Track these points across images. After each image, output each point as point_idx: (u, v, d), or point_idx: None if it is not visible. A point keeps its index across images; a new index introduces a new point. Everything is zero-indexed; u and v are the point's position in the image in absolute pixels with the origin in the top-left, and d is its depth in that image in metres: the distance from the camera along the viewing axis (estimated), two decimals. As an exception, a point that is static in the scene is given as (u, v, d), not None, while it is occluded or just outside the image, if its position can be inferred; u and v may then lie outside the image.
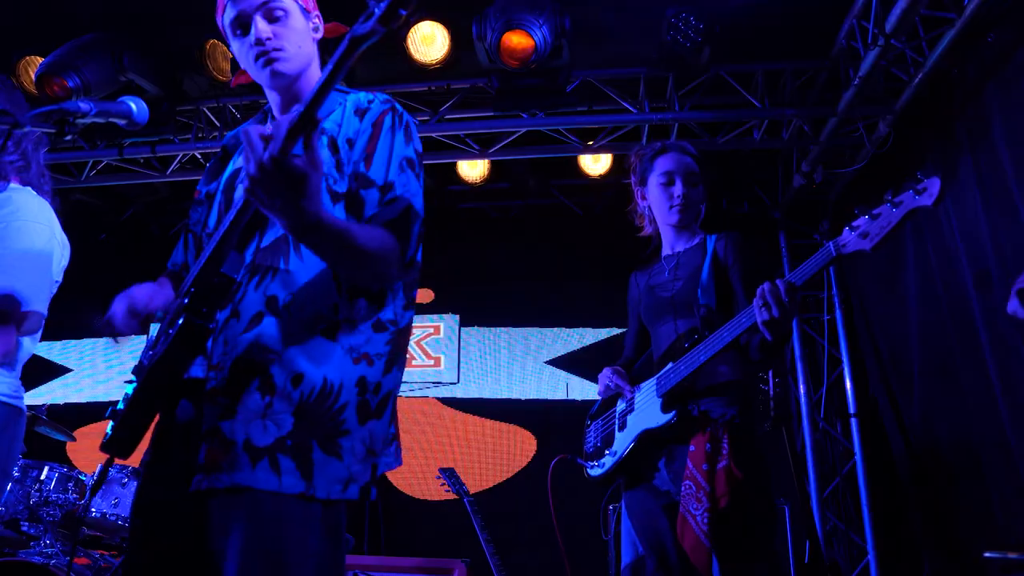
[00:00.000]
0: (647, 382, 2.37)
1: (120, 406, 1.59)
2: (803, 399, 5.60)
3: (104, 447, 1.59)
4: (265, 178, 1.29)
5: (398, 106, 1.70)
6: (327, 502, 1.44)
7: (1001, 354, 3.84)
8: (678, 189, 2.47)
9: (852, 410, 5.48)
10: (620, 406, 2.46)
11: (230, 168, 1.75)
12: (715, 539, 2.08)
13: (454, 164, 5.51)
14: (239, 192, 1.60)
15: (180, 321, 1.44)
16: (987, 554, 1.24)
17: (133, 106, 1.77)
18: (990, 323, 3.93)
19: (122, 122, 1.77)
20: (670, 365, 2.27)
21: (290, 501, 1.40)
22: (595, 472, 2.45)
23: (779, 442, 3.92)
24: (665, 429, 2.22)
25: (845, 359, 5.58)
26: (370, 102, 1.68)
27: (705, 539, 2.05)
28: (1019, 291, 1.65)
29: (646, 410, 2.31)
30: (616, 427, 2.44)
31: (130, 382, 1.60)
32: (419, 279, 1.71)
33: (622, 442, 2.36)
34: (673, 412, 2.21)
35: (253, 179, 1.30)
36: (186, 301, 1.46)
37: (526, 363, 5.86)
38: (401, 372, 1.64)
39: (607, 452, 2.41)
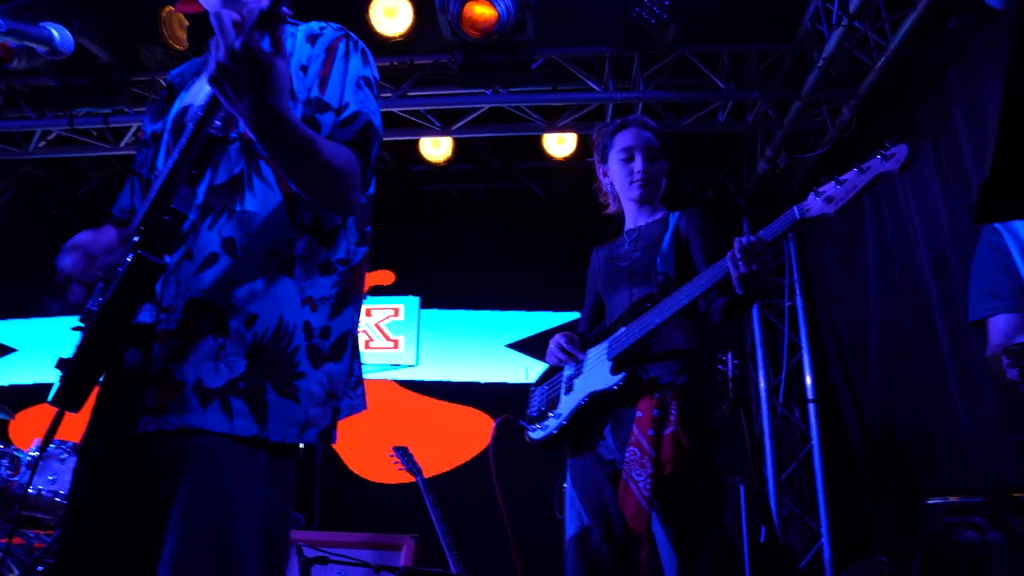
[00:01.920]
0: (597, 346, 2.35)
1: (69, 355, 1.53)
2: (762, 384, 5.64)
3: (53, 401, 1.52)
4: (234, 67, 1.26)
5: (352, 34, 1.66)
6: (280, 447, 1.41)
7: (956, 340, 3.89)
8: (638, 164, 2.46)
9: (810, 396, 5.53)
10: (567, 371, 2.45)
11: (177, 106, 1.68)
12: (657, 505, 2.07)
13: (416, 144, 5.46)
14: (188, 129, 1.55)
15: (129, 259, 1.38)
16: (930, 500, 1.24)
17: (55, 32, 1.69)
18: (947, 309, 3.97)
19: (42, 49, 1.69)
20: (622, 329, 2.26)
21: (241, 444, 1.37)
22: (537, 435, 2.43)
23: (737, 424, 3.96)
24: (613, 392, 2.20)
25: (804, 345, 5.63)
26: (322, 28, 1.63)
27: (645, 504, 2.03)
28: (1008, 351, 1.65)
29: (594, 373, 2.30)
30: (562, 391, 2.42)
31: (78, 329, 1.54)
32: (371, 215, 1.67)
33: (567, 405, 2.34)
34: (622, 374, 2.19)
35: (221, 67, 1.27)
36: (136, 239, 1.40)
37: (486, 346, 5.84)
38: (356, 311, 1.60)
39: (551, 415, 2.39)
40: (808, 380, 5.58)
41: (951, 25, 4.00)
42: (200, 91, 1.63)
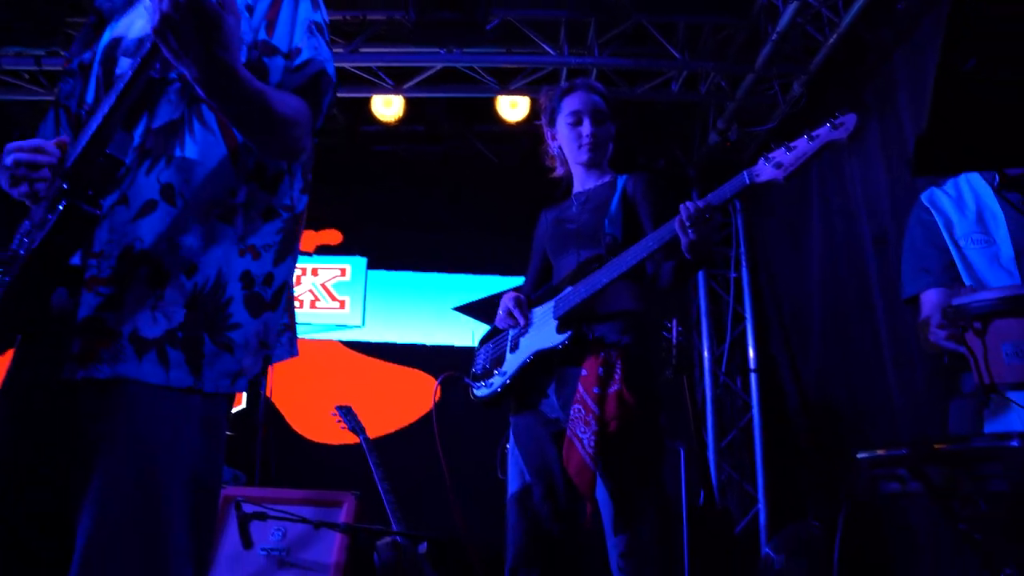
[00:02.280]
0: (543, 305, 2.37)
1: None
2: (706, 353, 5.76)
3: None
4: (179, 19, 1.21)
5: None
6: (212, 396, 1.40)
7: (892, 312, 4.01)
8: (586, 128, 2.47)
9: (752, 366, 5.66)
10: (514, 330, 2.46)
11: (107, 37, 1.60)
12: (601, 462, 2.10)
13: (368, 103, 5.38)
14: (123, 65, 1.49)
15: (62, 206, 1.33)
16: (859, 455, 1.29)
17: None
18: (885, 283, 4.08)
19: None
20: (569, 288, 2.28)
21: (174, 395, 1.35)
22: (481, 392, 2.45)
23: (680, 390, 4.04)
24: (558, 350, 2.23)
25: (749, 316, 5.75)
26: None
27: (590, 461, 2.07)
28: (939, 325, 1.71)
29: (540, 331, 2.32)
30: (507, 348, 2.44)
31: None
32: (313, 161, 1.65)
33: (512, 363, 2.36)
34: (567, 333, 2.22)
35: (165, 19, 1.22)
36: (66, 185, 1.35)
37: (433, 308, 5.84)
38: (295, 260, 1.59)
39: (496, 372, 2.41)
40: (751, 351, 5.71)
41: (900, 7, 4.07)
42: (134, 23, 1.57)
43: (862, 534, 4.07)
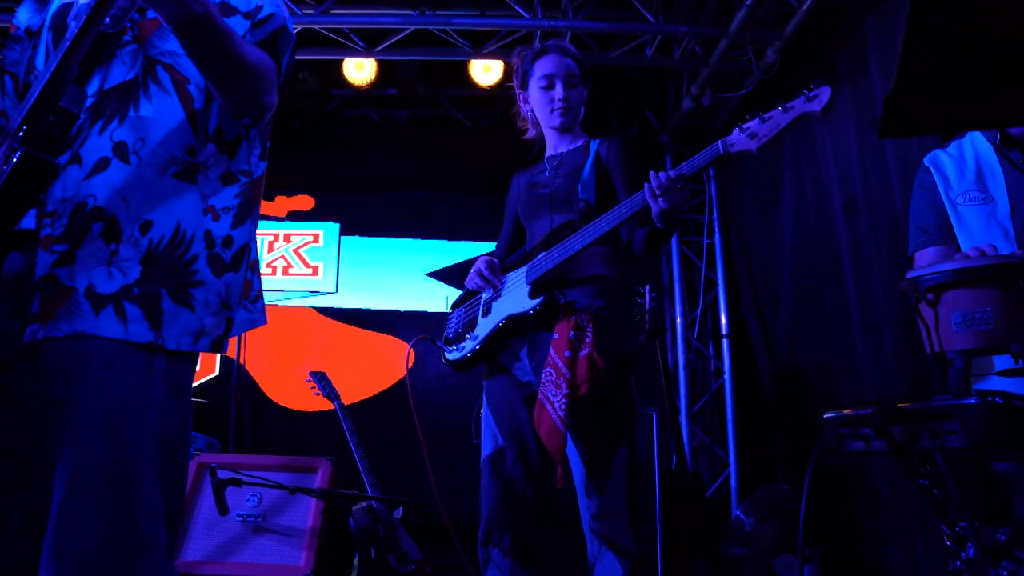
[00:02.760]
0: (516, 271, 2.38)
1: None
2: (679, 319, 5.81)
3: None
4: None
5: None
6: (176, 355, 1.41)
7: (860, 278, 4.07)
8: (559, 92, 2.46)
9: (724, 331, 5.72)
10: (486, 294, 2.47)
11: (56, 2, 1.59)
12: (572, 425, 2.13)
13: (339, 65, 5.31)
14: (73, 29, 1.47)
15: (16, 158, 1.30)
16: (826, 415, 1.33)
17: None
18: (853, 249, 4.14)
19: None
20: (542, 254, 2.28)
21: (135, 351, 1.36)
22: (453, 356, 2.46)
23: (652, 355, 4.09)
24: (530, 315, 2.24)
25: (721, 282, 5.80)
26: None
27: (561, 424, 2.09)
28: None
29: (513, 296, 2.33)
30: (480, 313, 2.45)
31: None
32: (271, 127, 1.65)
33: (484, 327, 2.37)
34: (540, 298, 2.23)
35: None
36: (21, 135, 1.33)
37: (406, 274, 5.83)
38: (255, 224, 1.60)
39: (468, 336, 2.42)
40: (723, 316, 5.76)
41: (872, -27, 4.08)
42: None
43: (829, 494, 4.16)
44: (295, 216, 5.88)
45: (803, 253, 4.76)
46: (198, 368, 5.43)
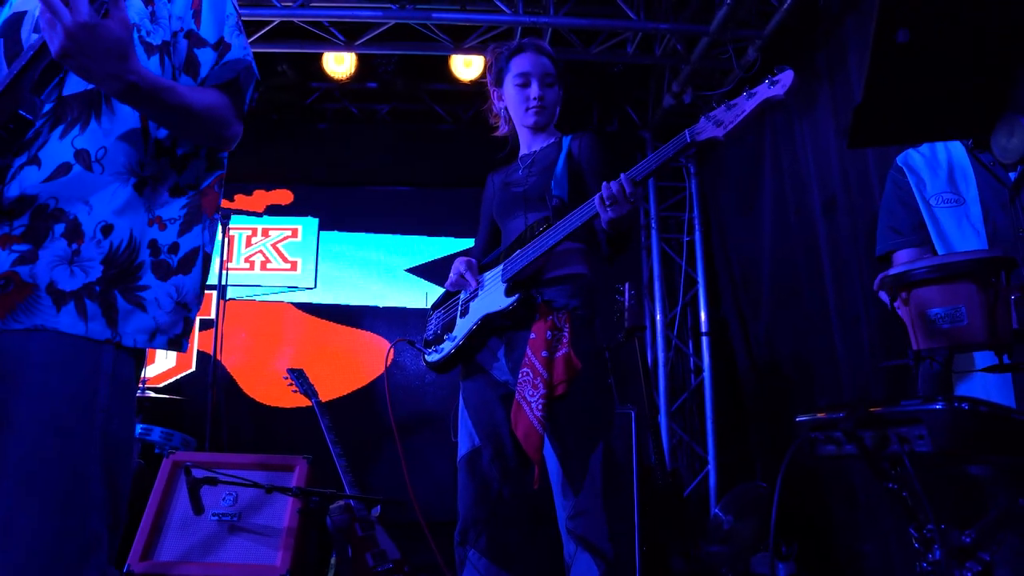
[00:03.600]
0: (493, 270, 2.38)
1: None
2: (659, 317, 5.84)
3: None
4: (78, 47, 1.28)
5: None
6: (127, 352, 1.46)
7: (839, 275, 4.10)
8: (534, 91, 2.46)
9: (704, 329, 5.76)
10: (464, 294, 2.48)
11: (7, 12, 1.61)
12: (549, 426, 2.13)
13: (319, 59, 5.28)
14: (33, 41, 1.49)
15: None
16: (798, 418, 1.35)
17: None
18: (833, 248, 4.18)
19: None
20: (518, 252, 2.29)
21: (90, 348, 1.40)
22: (432, 357, 2.46)
23: (632, 354, 4.10)
24: (506, 313, 2.24)
25: (701, 280, 5.83)
26: None
27: (538, 424, 2.09)
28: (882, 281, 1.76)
29: (489, 295, 2.33)
30: (458, 313, 2.45)
31: None
32: (259, 124, 1.68)
33: (462, 327, 2.38)
34: (516, 296, 2.23)
35: (65, 51, 1.28)
36: None
37: (386, 270, 5.82)
38: (208, 230, 1.65)
39: (446, 338, 2.43)
40: (703, 314, 5.80)
41: (851, -28, 4.11)
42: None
43: (805, 493, 4.20)
44: (273, 210, 5.85)
45: (783, 251, 4.79)
46: (174, 364, 5.40)
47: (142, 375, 1.60)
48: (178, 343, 1.55)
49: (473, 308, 2.38)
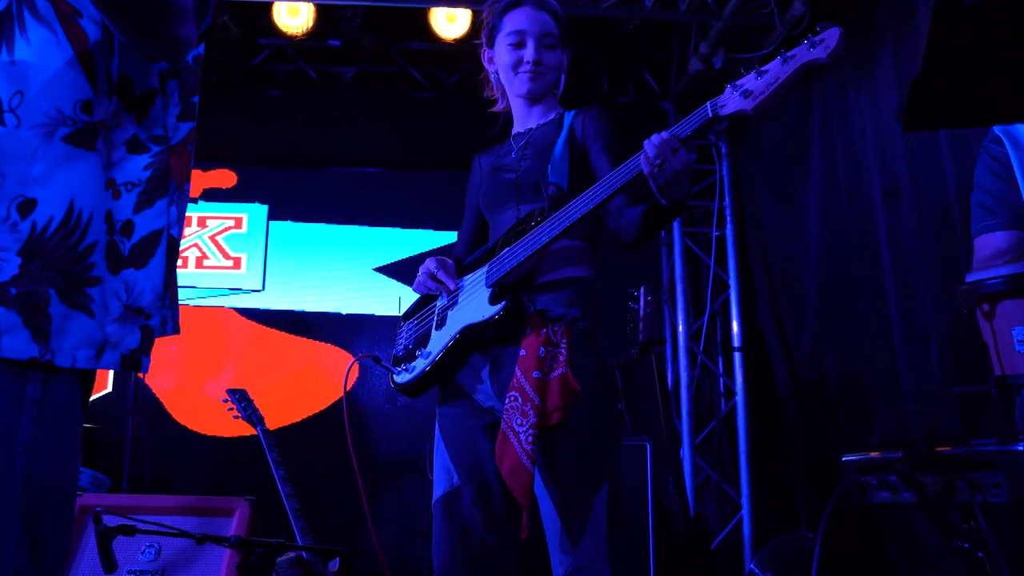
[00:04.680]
0: (476, 272, 2.36)
1: None
2: (681, 328, 5.83)
3: None
4: None
5: None
6: (65, 373, 1.36)
7: (902, 278, 4.08)
8: (530, 52, 2.44)
9: (737, 343, 5.75)
10: (441, 301, 2.46)
11: None
12: (541, 461, 2.11)
13: (268, 9, 5.27)
14: None
15: None
16: (845, 458, 1.32)
17: None
18: (895, 245, 4.16)
19: None
20: (505, 250, 2.27)
21: (9, 368, 1.30)
22: (402, 378, 2.44)
23: (647, 373, 4.10)
24: (491, 324, 2.22)
25: (733, 283, 5.83)
26: None
27: (527, 460, 2.07)
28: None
29: (471, 302, 2.31)
30: (433, 325, 2.43)
31: None
32: (200, 80, 1.61)
33: (438, 341, 2.36)
34: (503, 304, 2.21)
35: None
36: None
37: (350, 269, 5.81)
38: (176, 206, 1.54)
39: (419, 354, 2.41)
40: (735, 324, 5.80)
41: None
42: None
43: (859, 546, 4.17)
44: (212, 195, 5.84)
45: (833, 248, 4.78)
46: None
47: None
48: (135, 361, 1.43)
49: (451, 318, 2.36)
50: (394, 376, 2.49)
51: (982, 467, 1.12)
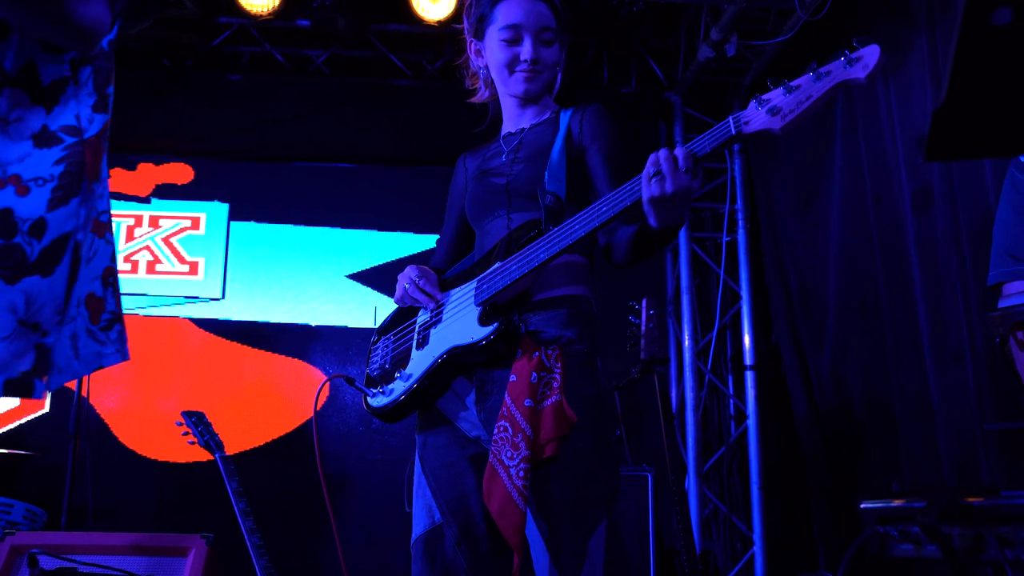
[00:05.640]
0: (463, 287, 2.37)
1: None
2: (688, 343, 5.84)
3: None
4: None
5: None
6: None
7: (935, 293, 4.10)
8: (527, 51, 2.44)
9: (750, 361, 5.76)
10: (422, 317, 2.46)
11: None
12: (533, 498, 2.12)
13: (231, -14, 5.28)
14: None
15: None
16: (864, 504, 1.34)
17: None
18: (926, 255, 4.16)
19: None
20: (497, 265, 2.27)
21: None
22: (378, 402, 2.43)
23: (649, 394, 4.11)
24: (480, 348, 2.23)
25: (745, 295, 5.84)
26: None
27: (518, 498, 2.08)
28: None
29: (457, 322, 2.31)
30: (414, 343, 2.43)
31: None
32: (114, 66, 1.61)
33: (419, 363, 2.36)
34: (493, 326, 2.21)
35: None
36: None
37: (320, 276, 5.81)
38: (88, 207, 1.53)
39: (397, 376, 2.41)
40: (747, 340, 5.81)
41: None
42: None
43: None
44: (165, 192, 5.82)
45: (857, 257, 4.79)
46: (17, 404, 5.33)
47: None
48: (23, 386, 1.40)
49: (435, 338, 2.36)
50: (368, 399, 2.49)
51: (1013, 521, 1.14)
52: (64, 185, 1.48)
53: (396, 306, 2.58)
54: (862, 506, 1.35)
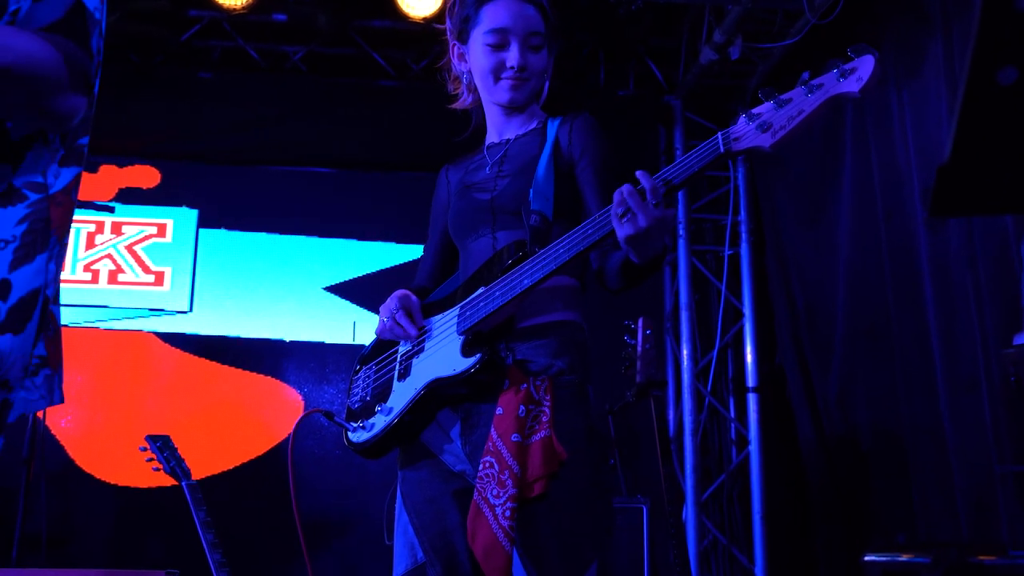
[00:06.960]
0: (446, 313, 2.38)
1: None
2: (686, 364, 5.85)
3: None
4: None
5: None
6: None
7: (948, 315, 4.11)
8: (514, 57, 2.43)
9: (752, 383, 5.78)
10: (404, 347, 2.47)
11: None
12: (520, 539, 2.13)
13: (204, -22, 5.29)
14: None
15: None
16: (867, 557, 1.36)
17: None
18: (939, 270, 4.17)
19: None
20: (481, 291, 2.28)
21: None
22: (359, 437, 2.44)
23: (645, 419, 4.12)
24: (463, 380, 2.23)
25: (748, 312, 5.86)
26: None
27: (504, 539, 2.09)
28: None
29: (439, 352, 2.32)
30: (395, 375, 2.44)
31: None
32: (92, 119, 1.64)
33: (401, 396, 2.36)
34: (477, 357, 2.22)
35: None
36: None
37: (295, 288, 5.82)
38: (57, 264, 1.58)
39: (378, 409, 2.41)
40: (750, 360, 5.83)
41: None
42: None
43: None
44: (130, 197, 5.81)
45: (867, 274, 4.80)
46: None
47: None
48: None
49: (416, 369, 2.37)
50: (349, 434, 2.50)
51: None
52: (27, 244, 1.52)
53: (377, 337, 2.58)
54: (866, 559, 1.37)
